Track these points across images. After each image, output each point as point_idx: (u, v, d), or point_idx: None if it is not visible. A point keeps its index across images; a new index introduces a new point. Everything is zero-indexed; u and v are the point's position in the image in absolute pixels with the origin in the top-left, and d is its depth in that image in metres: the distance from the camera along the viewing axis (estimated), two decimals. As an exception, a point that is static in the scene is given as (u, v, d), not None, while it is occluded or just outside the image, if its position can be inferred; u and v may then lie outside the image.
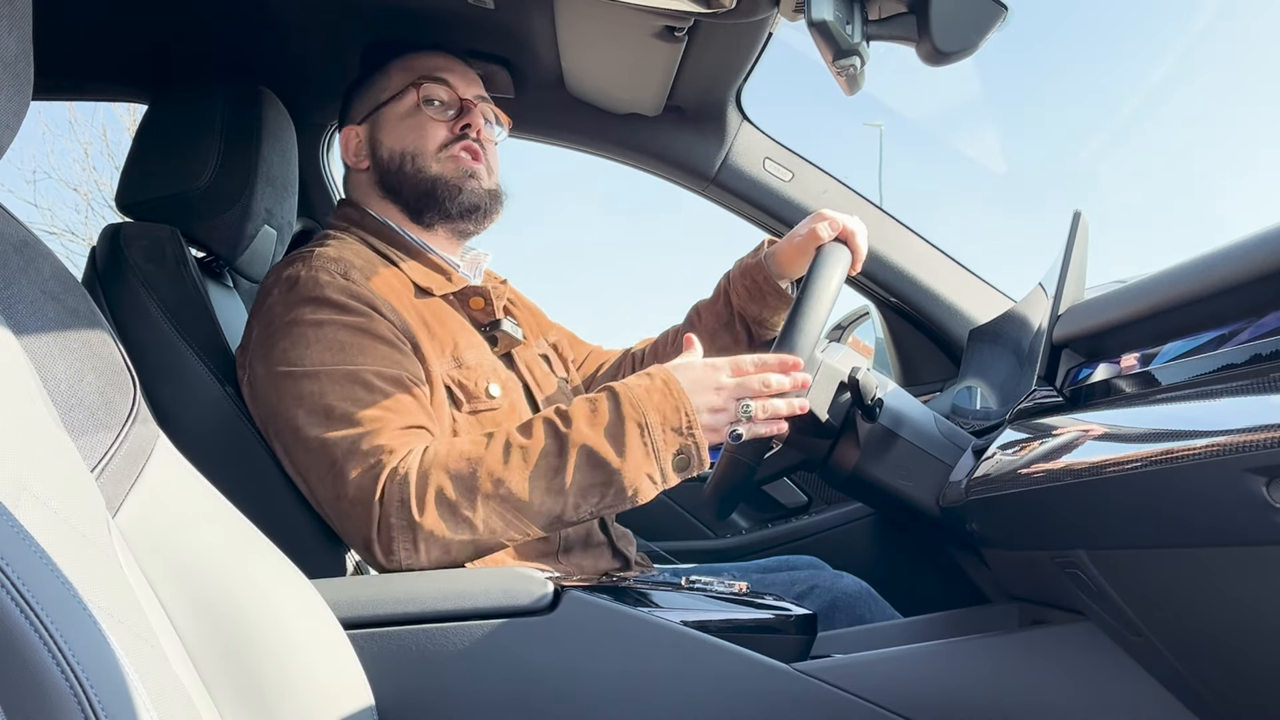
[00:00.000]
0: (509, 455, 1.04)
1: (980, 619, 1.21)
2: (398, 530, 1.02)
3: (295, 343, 1.11)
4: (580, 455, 1.04)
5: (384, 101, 1.31)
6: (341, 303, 1.13)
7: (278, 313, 1.14)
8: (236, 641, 0.73)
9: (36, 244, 0.75)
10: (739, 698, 0.95)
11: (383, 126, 1.31)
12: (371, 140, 1.32)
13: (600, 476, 1.04)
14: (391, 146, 1.30)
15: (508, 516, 1.03)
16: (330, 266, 1.16)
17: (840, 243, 1.27)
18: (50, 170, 13.05)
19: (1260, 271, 0.70)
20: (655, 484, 1.06)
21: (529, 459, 1.04)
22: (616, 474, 1.04)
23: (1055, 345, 1.01)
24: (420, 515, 1.01)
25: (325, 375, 1.09)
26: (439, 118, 1.30)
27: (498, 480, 1.03)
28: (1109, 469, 0.75)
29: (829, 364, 1.23)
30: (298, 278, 1.15)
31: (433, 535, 1.02)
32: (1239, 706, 0.82)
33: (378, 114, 1.32)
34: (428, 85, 1.30)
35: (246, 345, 1.18)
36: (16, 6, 0.64)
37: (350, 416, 1.06)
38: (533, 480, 1.03)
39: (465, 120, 1.31)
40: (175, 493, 0.77)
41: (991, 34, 0.87)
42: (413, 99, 1.30)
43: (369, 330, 1.12)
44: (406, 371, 1.12)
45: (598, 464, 1.04)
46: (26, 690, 0.46)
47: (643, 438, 1.05)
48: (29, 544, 0.50)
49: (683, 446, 1.06)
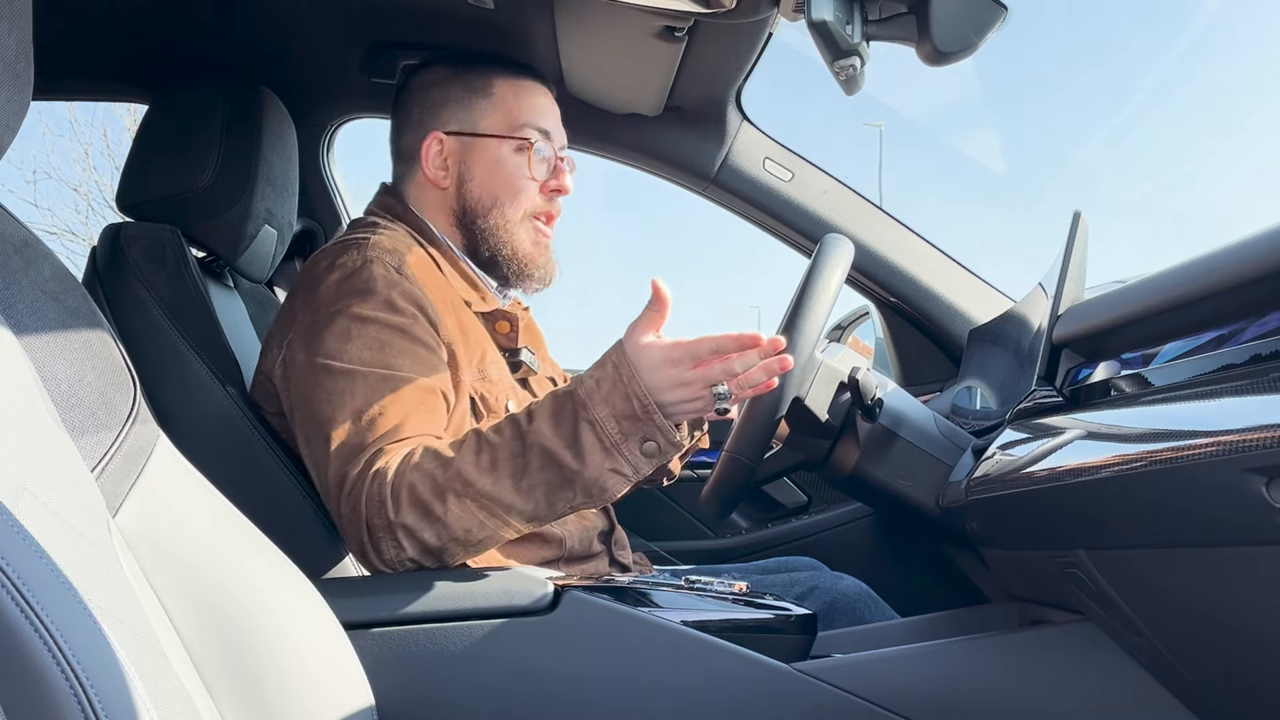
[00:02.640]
0: (479, 454, 1.01)
1: (980, 619, 1.21)
2: (380, 530, 1.01)
3: (339, 336, 1.10)
4: (540, 457, 1.00)
5: (485, 133, 1.27)
6: (391, 300, 1.12)
7: (326, 299, 1.13)
8: (237, 641, 0.73)
9: (37, 244, 0.75)
10: (739, 698, 0.95)
11: (476, 157, 1.28)
12: (461, 164, 1.28)
13: (562, 477, 1.00)
14: (484, 187, 1.27)
15: (480, 516, 1.01)
16: (385, 259, 1.15)
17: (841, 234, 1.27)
18: (50, 170, 13.06)
19: (1260, 271, 0.70)
20: (625, 477, 1.00)
21: (496, 459, 1.01)
22: (577, 475, 0.99)
23: (1055, 345, 1.01)
24: (396, 514, 1.00)
25: (359, 375, 1.08)
26: (536, 176, 1.28)
27: (467, 481, 1.00)
28: (1109, 469, 0.75)
29: (829, 364, 1.23)
30: (353, 267, 1.14)
31: (412, 534, 1.00)
32: (1239, 706, 0.82)
33: (474, 140, 1.27)
34: (538, 143, 1.27)
35: (287, 325, 1.16)
36: (16, 6, 0.64)
37: (370, 421, 1.06)
38: (500, 480, 1.00)
39: (557, 183, 1.29)
40: (175, 493, 0.77)
41: (991, 34, 0.87)
42: (519, 147, 1.27)
43: (412, 332, 1.11)
44: (438, 380, 1.12)
45: (556, 466, 1.00)
46: (26, 690, 0.46)
47: (596, 434, 0.99)
48: (29, 544, 0.50)
49: (646, 434, 0.99)
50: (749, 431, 1.19)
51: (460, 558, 1.04)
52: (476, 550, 1.04)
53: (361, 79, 1.57)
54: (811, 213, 1.70)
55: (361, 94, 1.68)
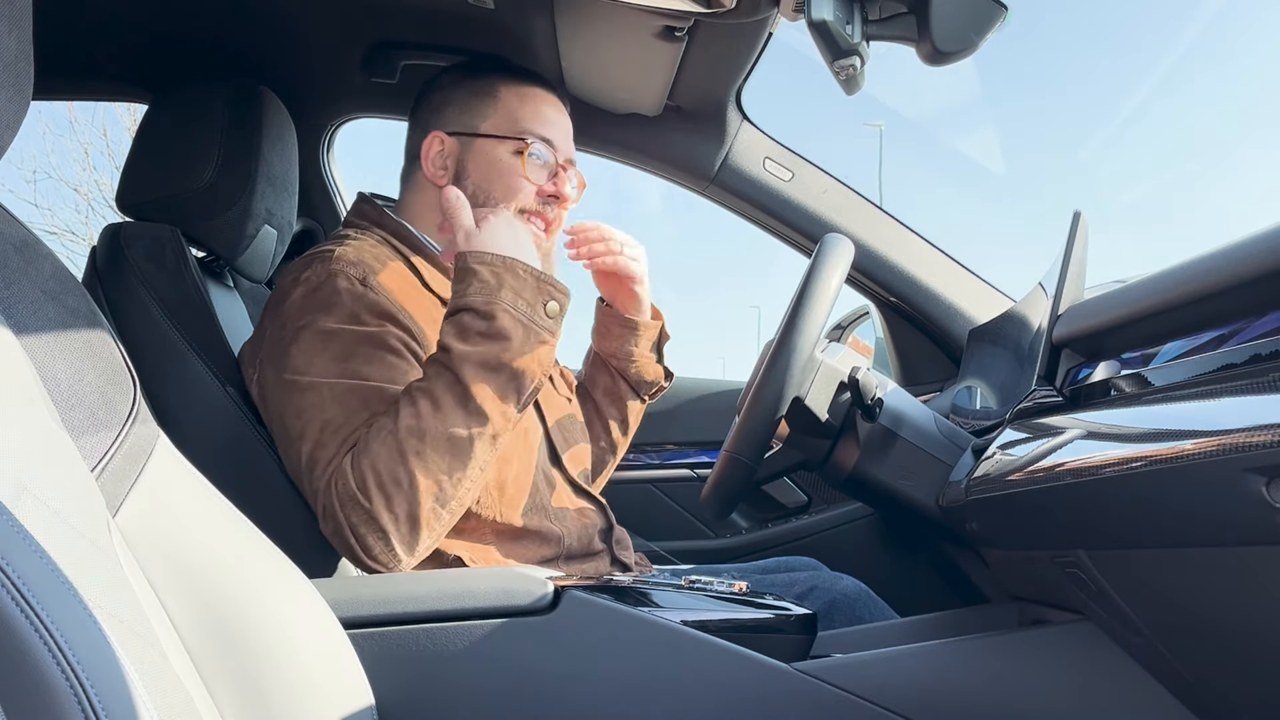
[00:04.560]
0: (417, 404, 1.04)
1: (980, 619, 1.21)
2: (362, 525, 1.02)
3: (304, 350, 1.10)
4: (472, 369, 1.04)
5: (485, 133, 1.28)
6: (355, 312, 1.12)
7: (291, 315, 1.13)
8: (237, 641, 0.73)
9: (37, 244, 0.75)
10: (739, 697, 0.95)
11: (475, 157, 1.28)
12: (459, 162, 1.28)
13: (503, 376, 1.05)
14: (478, 185, 1.27)
15: (445, 461, 1.03)
16: (349, 271, 1.15)
17: (841, 234, 1.27)
18: (50, 170, 13.05)
19: (1260, 271, 0.70)
20: (548, 342, 1.09)
21: (435, 397, 1.04)
22: (511, 362, 1.05)
23: (1055, 345, 1.01)
24: (369, 501, 1.01)
25: (326, 389, 1.08)
26: (534, 179, 1.28)
27: (419, 432, 1.02)
28: (1109, 469, 0.75)
29: (829, 363, 1.23)
30: (317, 282, 1.14)
31: (390, 513, 1.01)
32: (1239, 706, 0.82)
33: (474, 141, 1.28)
34: (536, 145, 1.28)
35: (258, 342, 1.17)
36: (16, 6, 0.64)
37: (339, 433, 1.06)
38: (449, 417, 1.03)
39: (554, 190, 1.29)
40: (175, 492, 0.77)
41: (991, 34, 0.87)
42: (517, 148, 1.27)
43: (378, 340, 1.12)
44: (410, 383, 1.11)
45: (490, 367, 1.05)
46: (26, 690, 0.46)
47: (512, 317, 1.06)
48: (29, 544, 0.50)
49: (542, 292, 1.08)
50: (749, 431, 1.19)
51: (445, 522, 1.04)
52: (458, 505, 1.05)
53: (361, 79, 1.57)
54: (811, 213, 1.70)
55: (361, 94, 1.68)
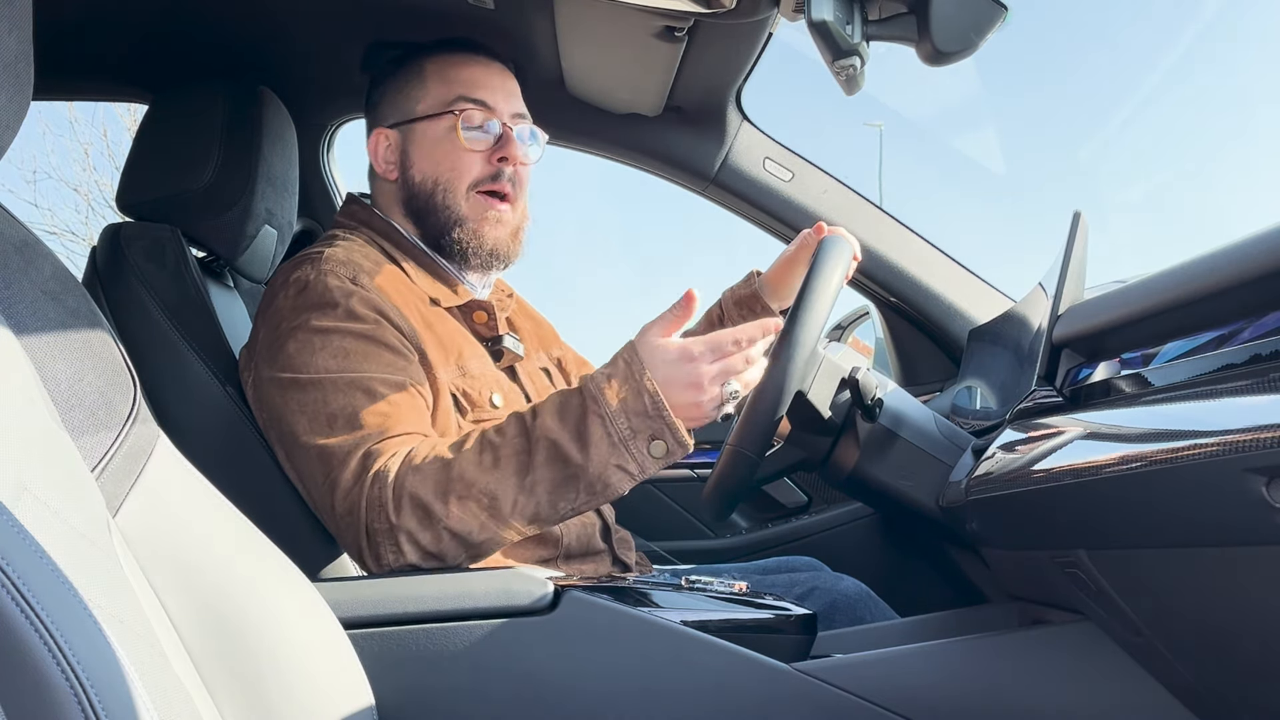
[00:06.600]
0: (481, 454, 1.01)
1: (980, 619, 1.21)
2: (381, 534, 1.01)
3: (301, 349, 1.10)
4: (544, 452, 0.99)
5: (419, 116, 1.26)
6: (349, 309, 1.11)
7: (284, 316, 1.13)
8: (237, 641, 0.73)
9: (36, 244, 0.75)
10: (739, 697, 0.95)
11: (416, 143, 1.26)
12: (403, 153, 1.27)
13: (566, 472, 0.99)
14: (424, 171, 1.25)
15: (482, 518, 1.00)
16: (339, 270, 1.14)
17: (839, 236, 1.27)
18: (50, 170, 13.04)
19: (1260, 271, 0.70)
20: (631, 475, 1.00)
21: (499, 456, 1.00)
22: (582, 469, 0.99)
23: (1055, 345, 1.01)
24: (397, 518, 1.00)
25: (329, 383, 1.08)
26: (475, 147, 1.24)
27: (469, 481, 1.00)
28: (1109, 469, 0.75)
29: (831, 359, 1.23)
30: (306, 282, 1.14)
31: (412, 537, 1.00)
32: (1239, 706, 0.82)
33: (411, 127, 1.26)
34: (467, 111, 1.24)
35: (253, 346, 1.17)
36: (16, 6, 0.64)
37: (350, 425, 1.06)
38: (502, 480, 1.00)
39: (502, 151, 1.25)
40: (175, 493, 0.77)
41: (991, 34, 0.87)
42: (449, 122, 1.24)
43: (376, 338, 1.11)
44: (410, 380, 1.11)
45: (562, 459, 0.99)
46: (26, 690, 0.46)
47: (605, 428, 0.99)
48: (29, 544, 0.50)
49: (655, 432, 0.99)
50: (752, 425, 1.18)
51: (460, 561, 1.04)
52: (476, 554, 1.04)
53: (361, 79, 1.56)
54: (811, 213, 1.70)
55: (361, 94, 1.67)
